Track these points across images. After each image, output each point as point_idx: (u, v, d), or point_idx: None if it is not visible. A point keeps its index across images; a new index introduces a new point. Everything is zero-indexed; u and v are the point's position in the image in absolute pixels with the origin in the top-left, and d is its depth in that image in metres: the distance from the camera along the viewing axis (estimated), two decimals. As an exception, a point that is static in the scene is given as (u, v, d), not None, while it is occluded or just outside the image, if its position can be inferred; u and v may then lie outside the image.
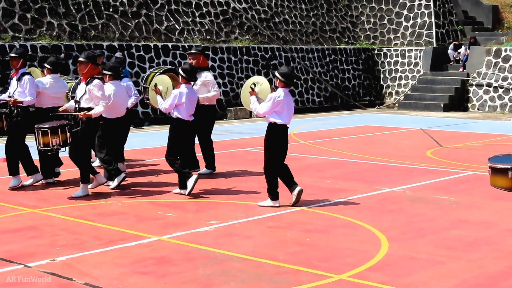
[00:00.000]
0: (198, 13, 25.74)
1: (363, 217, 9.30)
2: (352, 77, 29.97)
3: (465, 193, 10.88)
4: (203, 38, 25.42)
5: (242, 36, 26.82)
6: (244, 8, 27.30)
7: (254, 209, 9.82)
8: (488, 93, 27.07)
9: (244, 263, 7.25)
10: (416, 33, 30.27)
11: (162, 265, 7.17)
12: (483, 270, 7.05)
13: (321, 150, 15.81)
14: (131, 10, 23.73)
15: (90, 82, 10.43)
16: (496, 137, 18.44)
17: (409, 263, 7.26)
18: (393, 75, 30.41)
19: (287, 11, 29.03)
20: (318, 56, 28.74)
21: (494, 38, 29.85)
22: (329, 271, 6.94)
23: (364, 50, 30.76)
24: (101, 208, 9.91)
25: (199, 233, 8.50)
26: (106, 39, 22.59)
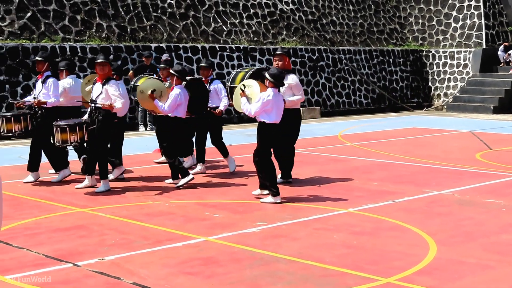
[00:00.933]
0: (246, 15, 25.80)
1: (411, 220, 9.22)
2: (400, 79, 29.74)
3: (515, 197, 10.72)
4: (250, 39, 25.47)
5: (289, 37, 26.80)
6: (291, 9, 27.28)
7: (301, 210, 9.80)
8: (539, 95, 26.62)
9: (290, 265, 7.24)
10: (466, 35, 29.93)
11: (209, 266, 7.19)
12: (534, 275, 6.93)
13: (368, 152, 15.72)
14: (179, 11, 23.88)
15: (107, 83, 11.03)
16: (547, 140, 18.12)
17: (458, 267, 7.16)
18: (441, 76, 30.10)
19: (335, 12, 28.94)
20: (365, 57, 28.58)
21: (546, 39, 29.39)
22: (376, 274, 6.89)
23: (412, 51, 30.50)
24: (149, 208, 9.99)
25: (246, 234, 8.51)
26: (154, 41, 22.77)
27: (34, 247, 7.88)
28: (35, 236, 8.40)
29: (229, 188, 11.38)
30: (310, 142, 17.64)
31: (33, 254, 7.63)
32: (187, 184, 11.39)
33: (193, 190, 11.22)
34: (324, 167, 12.83)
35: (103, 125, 11.02)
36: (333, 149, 16.15)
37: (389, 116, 26.55)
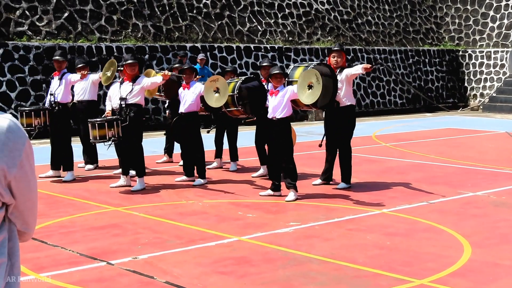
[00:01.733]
0: (281, 15, 25.79)
1: (446, 221, 9.15)
2: (436, 79, 29.53)
3: (552, 199, 10.59)
4: (285, 39, 25.47)
5: (324, 37, 26.75)
6: (326, 9, 27.22)
7: (335, 211, 9.78)
8: None
9: (323, 265, 7.23)
10: (503, 34, 29.61)
11: (241, 265, 7.21)
12: None
13: (403, 153, 15.63)
14: (214, 11, 23.96)
15: (135, 80, 11.33)
16: None
17: (493, 270, 7.10)
18: (477, 77, 29.81)
19: (370, 12, 28.81)
20: (401, 57, 28.42)
21: None
22: (409, 276, 6.85)
23: (448, 51, 30.26)
24: (183, 207, 10.04)
25: (279, 234, 8.51)
26: (189, 40, 22.87)
27: (69, 245, 7.97)
28: (69, 235, 8.48)
29: (263, 188, 11.38)
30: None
31: (68, 252, 7.71)
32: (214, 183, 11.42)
33: (227, 190, 11.25)
34: (358, 168, 12.77)
35: (135, 122, 11.24)
36: (367, 149, 16.08)
37: (424, 116, 26.37)
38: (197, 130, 11.84)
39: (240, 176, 12.62)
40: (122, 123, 11.19)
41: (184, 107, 11.73)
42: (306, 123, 23.12)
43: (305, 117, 23.83)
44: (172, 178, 12.22)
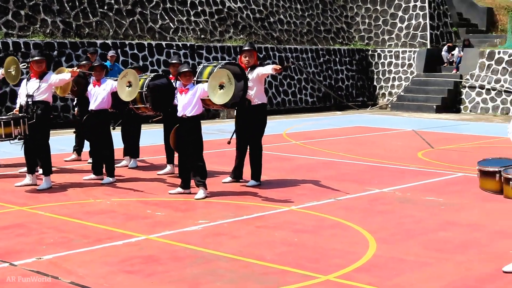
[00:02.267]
0: (193, 12, 25.71)
1: (353, 218, 9.29)
2: (346, 78, 29.98)
3: (454, 195, 10.88)
4: (197, 37, 25.40)
5: (236, 35, 26.80)
6: (239, 7, 27.28)
7: (244, 208, 9.81)
8: (480, 95, 27.10)
9: (231, 263, 7.24)
10: (411, 35, 30.29)
11: (149, 264, 7.15)
12: (471, 272, 7.04)
13: (313, 151, 15.80)
14: (125, 8, 23.69)
15: (43, 77, 11.07)
16: (488, 139, 18.45)
17: (397, 265, 7.24)
18: (386, 76, 30.43)
19: (282, 11, 29.02)
20: (312, 56, 28.74)
21: (488, 41, 29.93)
22: (316, 272, 6.93)
23: (358, 50, 30.77)
24: (90, 206, 9.88)
25: (188, 232, 8.48)
26: (100, 37, 22.56)
27: (-29, 245, 7.74)
28: (-28, 235, 8.25)
29: (173, 186, 11.31)
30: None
31: (-31, 253, 7.49)
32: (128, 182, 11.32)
33: (136, 188, 11.14)
34: (268, 165, 12.84)
35: (42, 120, 10.97)
36: (278, 147, 16.20)
37: (334, 114, 26.74)
38: (107, 127, 11.69)
39: (149, 174, 12.52)
40: (29, 121, 10.93)
41: (94, 105, 11.55)
42: (218, 121, 23.13)
43: (216, 115, 23.82)
44: (80, 177, 12.02)
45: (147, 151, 14.78)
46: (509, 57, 26.53)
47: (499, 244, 8.06)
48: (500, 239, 8.29)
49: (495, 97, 26.68)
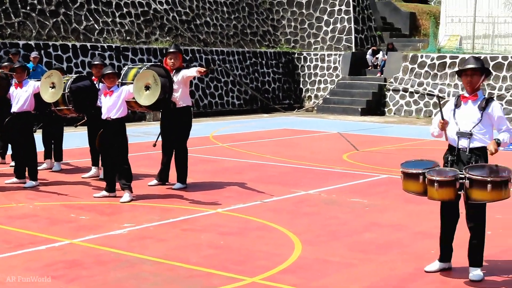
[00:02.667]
0: (118, 13, 25.46)
1: (279, 220, 9.34)
2: (272, 80, 30.13)
3: (378, 196, 11.05)
4: (123, 38, 25.16)
5: (162, 37, 26.65)
6: (165, 9, 27.14)
7: (170, 211, 9.75)
8: (404, 98, 27.60)
9: (156, 266, 7.19)
10: (336, 38, 30.65)
11: (73, 269, 7.04)
12: (393, 272, 7.16)
13: (240, 153, 15.83)
14: (49, 8, 23.30)
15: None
16: (411, 141, 18.81)
17: (322, 266, 7.31)
18: (312, 79, 30.71)
19: (209, 13, 28.99)
20: (238, 59, 28.79)
21: (411, 45, 30.48)
22: (242, 274, 6.94)
23: (285, 53, 30.96)
24: (12, 210, 9.68)
25: (112, 236, 8.39)
26: (22, 38, 22.12)
27: None
28: None
29: (98, 189, 11.17)
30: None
31: None
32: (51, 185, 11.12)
33: (59, 192, 10.95)
34: (195, 168, 12.80)
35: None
36: (204, 150, 16.16)
37: (261, 117, 26.85)
38: (30, 130, 11.46)
39: (73, 177, 12.33)
40: None
41: (16, 107, 11.32)
42: (144, 123, 22.94)
43: (143, 118, 23.64)
44: (2, 180, 11.75)
45: (71, 153, 14.56)
46: (432, 60, 27.11)
47: (420, 244, 8.23)
48: (422, 239, 8.46)
49: (418, 100, 27.20)
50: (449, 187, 6.67)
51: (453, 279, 6.99)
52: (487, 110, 6.99)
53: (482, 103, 7.02)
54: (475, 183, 6.55)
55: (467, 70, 7.11)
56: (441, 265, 7.17)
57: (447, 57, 26.88)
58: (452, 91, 26.36)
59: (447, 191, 6.68)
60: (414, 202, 10.51)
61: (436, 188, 6.68)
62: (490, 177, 6.50)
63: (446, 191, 6.68)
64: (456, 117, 7.10)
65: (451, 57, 26.78)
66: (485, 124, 6.99)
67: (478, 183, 6.54)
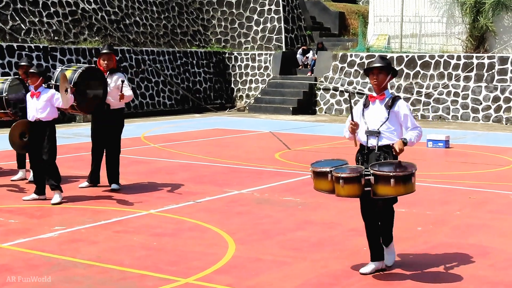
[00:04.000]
0: (46, 13, 25.05)
1: (212, 220, 9.33)
2: (204, 80, 30.08)
3: (311, 194, 11.10)
4: (51, 38, 24.76)
5: (91, 37, 26.33)
6: (93, 9, 26.82)
7: (102, 213, 9.64)
8: (334, 97, 27.90)
9: (88, 269, 7.10)
10: (266, 38, 30.78)
11: (1, 274, 6.89)
12: (327, 269, 7.23)
13: (172, 153, 15.75)
14: (-27, 8, 22.77)
15: None
16: (342, 140, 18.97)
17: (255, 265, 7.33)
18: (243, 78, 30.77)
19: (138, 13, 28.77)
20: (169, 58, 28.65)
21: (341, 44, 30.82)
22: (175, 275, 6.91)
23: (215, 53, 30.95)
24: None
25: (43, 239, 8.25)
26: None
27: None
28: None
29: (27, 193, 10.97)
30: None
31: None
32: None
33: (-13, 195, 10.73)
34: (126, 169, 12.69)
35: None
36: (136, 150, 16.03)
37: (193, 117, 26.77)
38: None
39: (1, 180, 12.08)
40: None
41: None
42: (74, 124, 22.63)
43: (72, 119, 23.31)
44: None
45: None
46: (361, 60, 27.46)
47: (353, 242, 8.32)
48: (354, 236, 8.55)
49: (348, 99, 27.52)
50: (354, 183, 6.81)
51: (386, 274, 7.09)
52: (393, 109, 7.18)
53: (388, 102, 7.21)
54: (380, 178, 6.70)
55: (373, 69, 7.33)
56: (376, 265, 7.21)
57: (375, 56, 27.25)
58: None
59: (352, 187, 6.82)
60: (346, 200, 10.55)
61: (342, 185, 6.82)
62: (393, 172, 6.65)
63: (352, 187, 6.82)
64: (365, 117, 7.28)
65: (380, 56, 27.15)
66: (393, 123, 7.17)
67: (382, 178, 6.69)
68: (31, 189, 10.85)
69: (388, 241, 7.33)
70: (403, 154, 7.13)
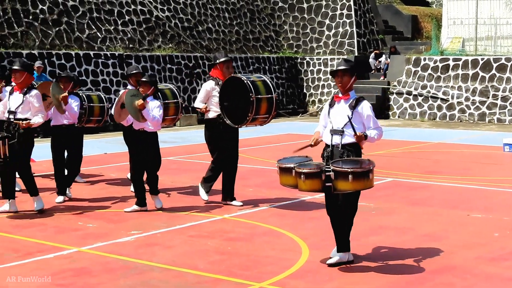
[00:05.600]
0: (121, 21, 25.54)
1: (285, 225, 9.36)
2: (276, 86, 30.17)
3: (384, 199, 11.06)
4: (126, 46, 25.23)
5: (165, 44, 26.72)
6: (167, 16, 27.21)
7: (177, 218, 9.78)
8: (408, 101, 27.62)
9: (164, 273, 7.21)
10: (338, 42, 30.69)
11: (81, 277, 7.07)
12: (400, 275, 7.17)
13: (245, 159, 15.82)
14: (51, 17, 23.38)
15: (28, 92, 9.96)
16: (415, 144, 18.82)
17: (329, 270, 7.33)
18: (316, 83, 30.74)
19: (211, 19, 29.07)
20: (241, 64, 28.84)
21: (414, 47, 30.51)
22: (249, 279, 6.96)
23: (287, 58, 31.01)
24: (19, 219, 9.71)
25: (120, 243, 8.42)
26: (26, 47, 22.20)
27: None
28: None
29: (106, 198, 11.21)
30: (187, 149, 17.66)
31: None
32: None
33: (66, 200, 10.98)
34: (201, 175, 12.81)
35: (25, 139, 9.84)
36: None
37: (265, 122, 26.78)
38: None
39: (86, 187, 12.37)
40: (11, 140, 9.77)
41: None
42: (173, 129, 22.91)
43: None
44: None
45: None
46: (434, 63, 27.13)
47: (427, 247, 8.23)
48: (428, 242, 8.48)
49: (422, 103, 27.23)
50: (314, 178, 7.16)
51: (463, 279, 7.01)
52: (357, 109, 7.57)
53: (352, 102, 7.63)
54: (339, 174, 7.06)
55: (338, 72, 7.74)
56: (341, 256, 7.50)
57: (450, 60, 26.90)
58: (456, 93, 26.38)
59: (313, 183, 7.17)
60: (419, 204, 10.55)
61: (303, 180, 7.18)
62: (351, 168, 7.02)
63: (313, 182, 7.17)
64: (331, 116, 7.70)
65: (454, 59, 26.80)
66: (356, 122, 7.51)
67: (341, 174, 7.06)
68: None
69: (344, 248, 7.58)
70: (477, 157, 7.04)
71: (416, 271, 7.29)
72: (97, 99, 11.94)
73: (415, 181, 12.91)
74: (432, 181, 12.84)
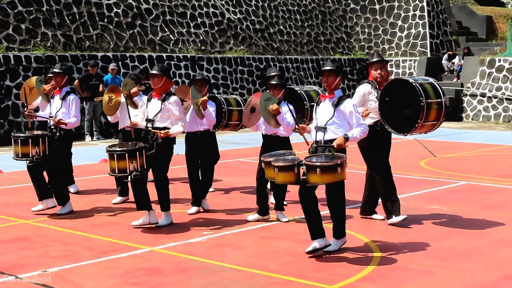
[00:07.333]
0: (193, 24, 25.79)
1: (356, 227, 9.30)
2: (347, 87, 30.02)
3: (458, 203, 10.89)
4: (198, 48, 25.47)
5: (236, 46, 26.87)
6: (238, 18, 27.36)
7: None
8: (482, 103, 27.14)
9: (236, 273, 7.25)
10: (411, 44, 30.36)
11: (154, 276, 7.17)
12: (474, 280, 7.05)
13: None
14: (125, 20, 23.77)
15: (167, 99, 9.30)
16: (490, 147, 18.47)
17: (401, 274, 7.26)
18: (387, 85, 30.43)
19: (282, 21, 29.10)
20: (312, 66, 28.80)
21: (488, 49, 29.96)
22: (320, 282, 6.94)
23: (359, 60, 30.82)
24: (94, 218, 9.90)
25: (192, 243, 8.50)
26: (100, 50, 22.62)
27: (-24, 259, 7.76)
28: (-24, 249, 8.26)
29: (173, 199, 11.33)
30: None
31: (-26, 267, 7.51)
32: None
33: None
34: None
35: (164, 148, 9.29)
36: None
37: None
38: None
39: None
40: (149, 151, 9.26)
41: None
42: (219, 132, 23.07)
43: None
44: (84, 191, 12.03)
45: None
46: (510, 64, 26.58)
47: (502, 252, 8.08)
48: (504, 247, 8.31)
49: (496, 105, 26.72)
50: (288, 171, 7.68)
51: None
52: (339, 107, 7.95)
53: (335, 101, 8.00)
54: (310, 168, 7.52)
55: (324, 72, 8.07)
56: (319, 243, 7.84)
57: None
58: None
59: (287, 175, 7.69)
60: (495, 209, 10.36)
61: (277, 172, 7.73)
62: (319, 162, 7.46)
63: (286, 175, 7.69)
64: (316, 114, 8.15)
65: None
66: (339, 119, 7.95)
67: (311, 168, 7.51)
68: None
69: (340, 234, 8.09)
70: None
71: (491, 276, 7.16)
72: (234, 102, 11.31)
73: (490, 184, 12.68)
74: (507, 185, 12.58)
